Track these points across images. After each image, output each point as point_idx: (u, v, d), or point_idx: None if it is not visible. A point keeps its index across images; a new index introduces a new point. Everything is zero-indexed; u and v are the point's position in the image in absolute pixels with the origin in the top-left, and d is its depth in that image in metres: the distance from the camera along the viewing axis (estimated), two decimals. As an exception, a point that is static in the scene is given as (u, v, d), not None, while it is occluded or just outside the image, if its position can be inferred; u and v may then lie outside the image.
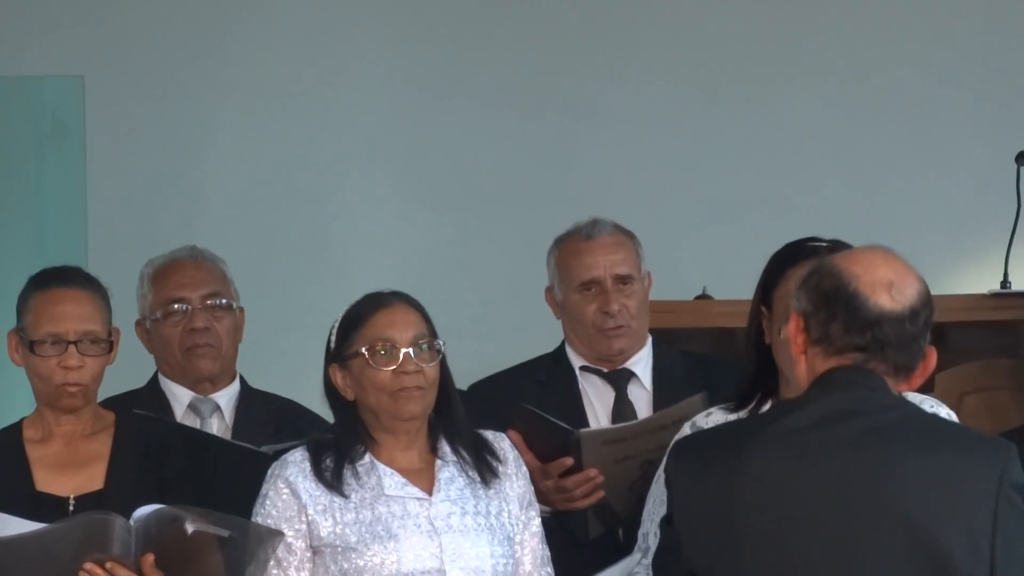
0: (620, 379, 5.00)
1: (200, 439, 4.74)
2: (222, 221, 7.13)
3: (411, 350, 4.23)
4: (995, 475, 3.36)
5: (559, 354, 5.07)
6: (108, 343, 4.48)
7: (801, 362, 3.50)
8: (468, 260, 6.67)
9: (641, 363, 5.02)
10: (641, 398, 4.98)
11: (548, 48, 7.36)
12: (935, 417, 3.75)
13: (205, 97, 7.37)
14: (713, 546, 3.44)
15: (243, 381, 5.22)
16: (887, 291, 3.42)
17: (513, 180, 7.19)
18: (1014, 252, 5.86)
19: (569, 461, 4.56)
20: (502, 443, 4.37)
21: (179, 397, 5.11)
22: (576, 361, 5.04)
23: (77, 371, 4.39)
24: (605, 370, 5.01)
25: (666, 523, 3.66)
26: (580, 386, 5.00)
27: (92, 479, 4.43)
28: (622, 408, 4.97)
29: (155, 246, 5.35)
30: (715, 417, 4.26)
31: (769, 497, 3.39)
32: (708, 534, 3.44)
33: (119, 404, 4.69)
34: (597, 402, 4.98)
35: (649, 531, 4.28)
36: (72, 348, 4.38)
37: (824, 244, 4.24)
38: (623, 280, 5.00)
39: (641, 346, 5.04)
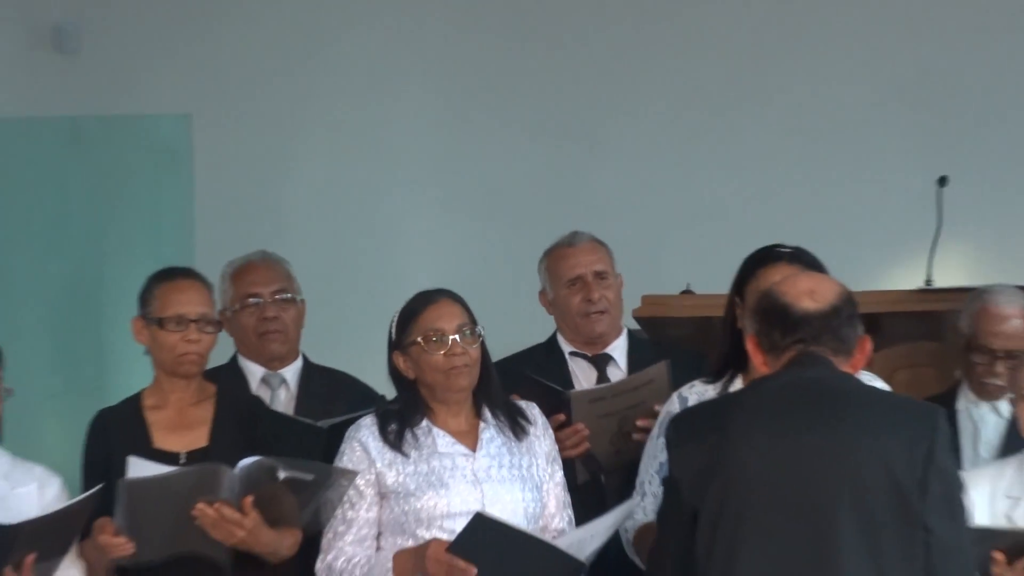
0: (601, 362, 4.99)
1: (273, 415, 4.73)
2: (302, 231, 7.17)
3: (457, 336, 4.22)
4: (930, 424, 3.46)
5: (551, 343, 5.04)
6: (218, 324, 4.54)
7: (765, 370, 3.60)
8: (499, 261, 6.69)
9: (618, 349, 5.00)
10: (617, 376, 4.92)
11: (562, 92, 7.41)
12: (876, 388, 3.87)
13: (290, 131, 7.42)
14: (706, 487, 3.50)
15: (305, 359, 5.20)
16: (809, 297, 3.54)
17: (535, 197, 7.22)
18: (935, 257, 5.88)
19: (561, 417, 4.54)
20: (532, 411, 4.37)
21: (254, 372, 5.10)
22: (566, 347, 5.01)
23: (196, 343, 4.44)
24: (589, 354, 4.99)
25: (666, 479, 3.72)
26: (570, 368, 4.98)
27: (198, 438, 4.45)
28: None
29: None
30: (697, 388, 4.31)
31: (754, 452, 3.47)
32: (702, 479, 3.51)
33: (207, 377, 4.67)
34: (584, 381, 4.94)
35: (644, 480, 4.32)
36: (192, 326, 4.43)
37: (788, 250, 4.28)
38: (601, 276, 4.97)
39: (618, 335, 5.02)
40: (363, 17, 7.44)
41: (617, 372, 4.98)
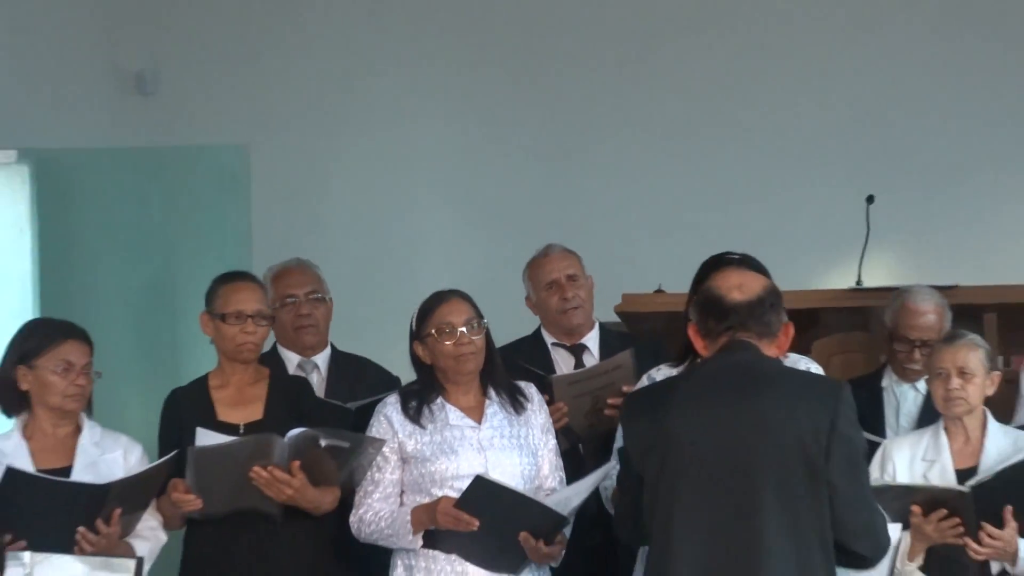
0: (578, 350, 5.00)
1: (313, 399, 4.65)
2: (339, 241, 7.13)
3: (464, 329, 4.22)
4: (834, 397, 3.47)
5: (536, 336, 5.04)
6: (271, 318, 4.54)
7: (706, 354, 3.60)
8: (502, 265, 6.50)
9: (592, 340, 5.01)
10: (591, 363, 4.93)
11: (555, 124, 7.39)
12: (792, 368, 3.86)
13: (329, 159, 7.39)
14: (649, 456, 3.52)
15: (333, 347, 5.16)
16: (738, 290, 3.55)
17: (532, 212, 7.18)
18: (864, 262, 5.87)
19: (545, 397, 4.52)
20: (529, 389, 4.37)
21: (291, 359, 5.08)
22: (548, 339, 5.01)
23: (252, 334, 4.44)
24: (568, 344, 5.00)
25: (620, 449, 3.76)
26: (552, 356, 4.99)
27: (254, 412, 4.45)
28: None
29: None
30: (663, 371, 4.30)
31: (687, 427, 3.49)
32: (647, 450, 3.53)
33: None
34: (564, 366, 4.95)
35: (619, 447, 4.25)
36: (249, 320, 4.42)
37: (737, 256, 4.26)
38: (572, 278, 4.97)
39: (591, 328, 5.01)
40: (390, 63, 7.42)
41: (591, 359, 4.98)
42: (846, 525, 3.46)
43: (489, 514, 4.07)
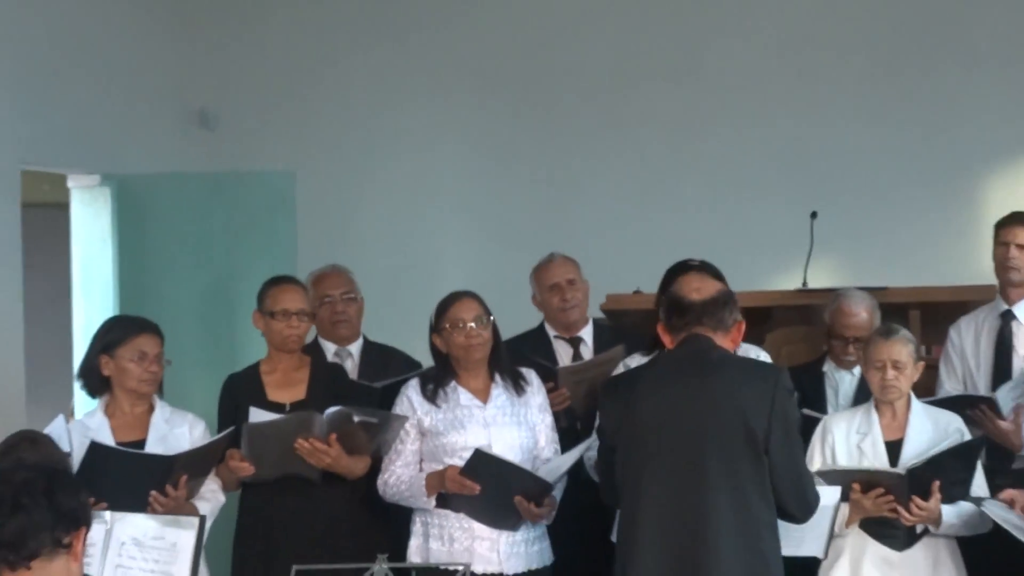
0: (575, 342, 5.00)
1: (346, 381, 4.66)
2: (372, 251, 7.05)
3: (473, 324, 4.23)
4: (772, 379, 3.49)
5: (540, 330, 5.03)
6: (312, 316, 4.54)
7: (672, 346, 3.61)
8: (507, 270, 6.46)
9: (587, 333, 5.00)
10: (587, 353, 4.94)
11: (553, 152, 7.33)
12: (738, 355, 3.83)
13: (363, 182, 7.35)
14: (619, 431, 3.55)
15: (365, 338, 5.14)
16: (696, 291, 3.59)
17: (533, 225, 7.14)
18: (809, 267, 5.83)
19: (551, 384, 4.56)
20: (530, 375, 4.37)
21: (329, 349, 5.06)
22: (550, 332, 5.01)
23: (296, 329, 4.44)
24: (567, 337, 4.99)
25: (597, 427, 3.77)
26: (553, 347, 4.98)
27: (298, 393, 4.45)
28: (577, 359, 4.95)
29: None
30: (637, 359, 4.31)
31: (649, 406, 3.51)
32: (617, 426, 3.56)
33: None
34: (563, 356, 4.94)
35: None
36: (294, 317, 4.43)
37: (697, 263, 4.24)
38: (571, 282, 4.97)
39: (586, 323, 5.01)
40: (415, 102, 7.38)
41: (586, 350, 4.97)
42: (778, 489, 3.48)
43: (488, 480, 4.08)
